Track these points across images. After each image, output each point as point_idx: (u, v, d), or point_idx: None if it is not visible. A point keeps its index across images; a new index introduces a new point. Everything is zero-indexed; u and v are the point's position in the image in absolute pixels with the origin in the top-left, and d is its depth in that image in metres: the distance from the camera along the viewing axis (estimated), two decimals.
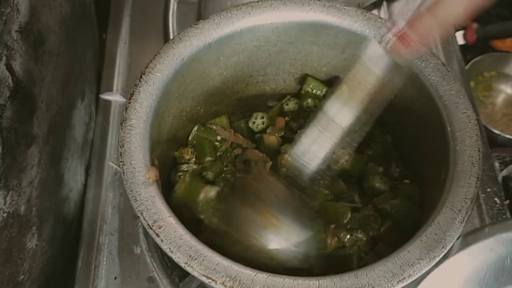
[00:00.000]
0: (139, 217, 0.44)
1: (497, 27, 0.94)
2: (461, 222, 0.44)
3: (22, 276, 0.56)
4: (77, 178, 0.71)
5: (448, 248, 0.42)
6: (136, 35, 0.85)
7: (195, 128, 0.61)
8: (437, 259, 0.42)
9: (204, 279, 0.41)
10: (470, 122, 0.49)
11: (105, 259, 0.65)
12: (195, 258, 0.41)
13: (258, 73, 0.64)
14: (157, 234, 0.42)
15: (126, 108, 0.48)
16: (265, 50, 0.60)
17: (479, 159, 0.47)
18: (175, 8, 0.85)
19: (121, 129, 0.47)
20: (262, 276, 0.41)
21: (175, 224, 0.43)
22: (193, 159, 0.59)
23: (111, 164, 0.72)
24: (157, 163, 0.48)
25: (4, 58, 0.49)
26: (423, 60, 0.53)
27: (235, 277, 0.40)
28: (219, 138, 0.62)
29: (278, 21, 0.57)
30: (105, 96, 0.78)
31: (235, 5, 0.56)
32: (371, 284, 0.40)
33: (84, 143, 0.74)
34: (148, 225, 0.43)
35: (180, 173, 0.58)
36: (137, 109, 0.48)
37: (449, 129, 0.50)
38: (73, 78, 0.70)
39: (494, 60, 0.97)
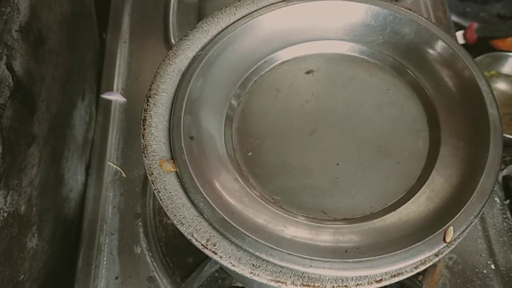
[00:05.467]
0: (190, 240, 0.42)
1: (497, 27, 0.94)
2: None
3: (22, 276, 0.56)
4: (77, 177, 0.71)
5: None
6: (136, 35, 0.85)
7: None
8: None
9: (273, 283, 0.40)
10: None
11: (105, 259, 0.65)
12: (258, 266, 0.41)
13: None
14: (214, 252, 0.41)
15: (143, 135, 0.47)
16: None
17: None
18: (175, 8, 0.85)
19: (145, 157, 0.46)
20: (331, 269, 0.41)
21: None
22: None
23: (111, 164, 0.72)
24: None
25: (5, 57, 0.49)
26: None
27: (302, 274, 0.41)
28: None
29: None
30: (106, 96, 0.78)
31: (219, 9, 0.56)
32: None
33: (84, 142, 0.74)
34: (202, 245, 0.42)
35: None
36: (154, 134, 0.48)
37: None
38: (73, 77, 0.70)
39: (494, 60, 0.96)
